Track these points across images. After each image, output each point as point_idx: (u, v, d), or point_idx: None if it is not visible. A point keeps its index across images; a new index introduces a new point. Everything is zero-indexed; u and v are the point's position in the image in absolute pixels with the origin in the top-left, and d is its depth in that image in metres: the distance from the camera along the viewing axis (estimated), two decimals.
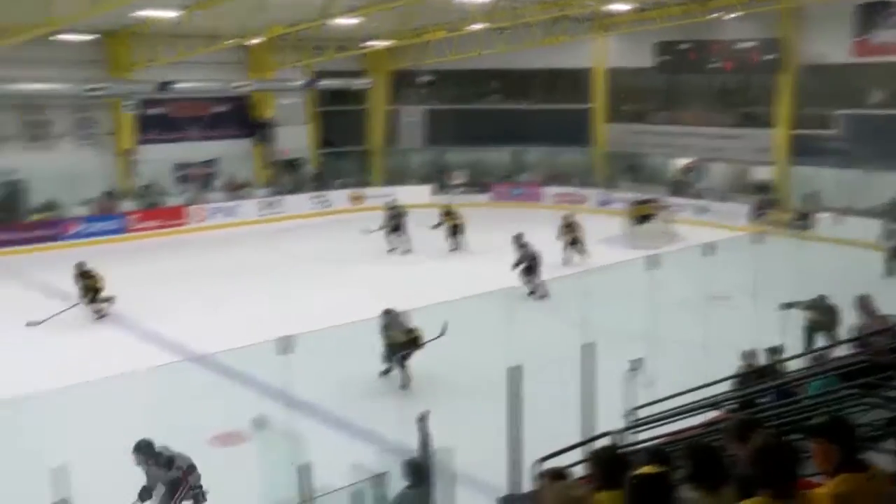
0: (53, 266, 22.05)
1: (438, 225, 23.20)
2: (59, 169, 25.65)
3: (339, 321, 13.80)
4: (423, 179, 32.22)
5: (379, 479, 7.08)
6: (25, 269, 21.84)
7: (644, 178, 30.15)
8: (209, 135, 30.59)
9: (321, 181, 31.80)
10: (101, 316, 17.21)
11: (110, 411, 11.69)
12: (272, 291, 18.81)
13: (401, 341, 12.74)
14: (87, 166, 27.02)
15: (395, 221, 23.42)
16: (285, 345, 9.02)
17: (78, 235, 25.76)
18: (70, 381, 12.47)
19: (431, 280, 19.19)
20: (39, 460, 7.99)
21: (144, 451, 8.56)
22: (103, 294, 17.36)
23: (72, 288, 17.38)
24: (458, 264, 21.76)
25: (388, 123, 35.09)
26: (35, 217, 25.85)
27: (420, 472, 7.14)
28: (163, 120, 29.58)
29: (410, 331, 12.83)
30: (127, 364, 13.32)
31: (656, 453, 5.13)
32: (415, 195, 29.23)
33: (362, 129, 34.87)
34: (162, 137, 29.21)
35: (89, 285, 17.29)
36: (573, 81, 32.65)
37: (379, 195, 28.57)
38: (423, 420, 7.62)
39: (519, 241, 18.82)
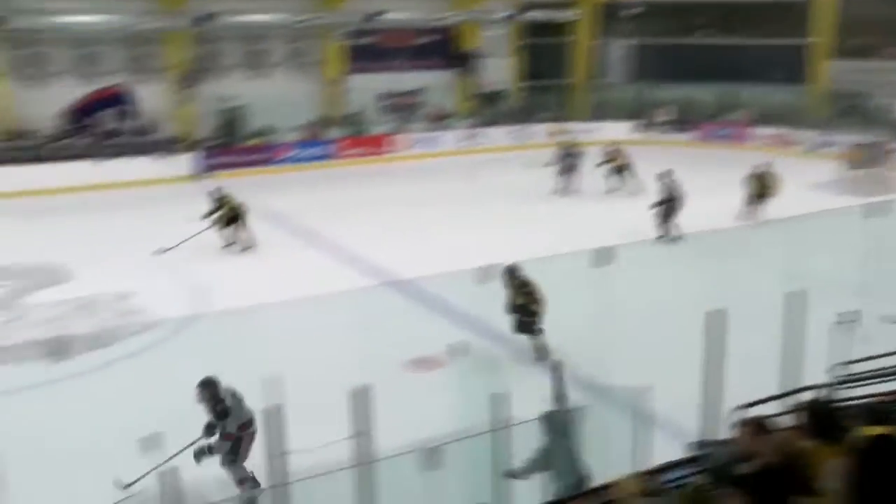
0: (265, 189, 23.40)
1: (602, 164, 21.89)
2: (273, 97, 27.10)
3: (523, 256, 13.78)
4: (628, 116, 31.30)
5: (577, 411, 7.05)
6: (240, 190, 23.17)
7: (868, 120, 27.90)
8: (414, 65, 31.14)
9: (522, 115, 31.64)
10: (240, 247, 17.02)
11: (315, 329, 12.28)
12: (469, 222, 19.02)
13: (519, 303, 11.12)
14: (298, 94, 28.33)
15: (569, 161, 22.11)
16: (484, 274, 9.10)
17: (288, 160, 27.03)
18: (278, 298, 13.25)
19: (611, 221, 18.35)
20: (254, 368, 8.55)
21: (207, 388, 7.96)
22: (242, 225, 17.09)
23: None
24: (630, 205, 19.89)
25: (593, 57, 34.30)
26: (250, 142, 27.35)
27: (559, 423, 6.99)
28: (371, 50, 30.36)
29: (530, 294, 11.06)
30: (329, 285, 13.95)
31: (874, 412, 4.80)
32: (616, 132, 28.53)
33: (566, 63, 34.31)
34: (369, 67, 30.03)
35: (224, 213, 17.00)
36: (791, 14, 30.48)
37: (580, 130, 28.07)
38: (556, 370, 7.40)
39: (664, 178, 17.40)
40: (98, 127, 25.93)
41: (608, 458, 7.19)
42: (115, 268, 15.69)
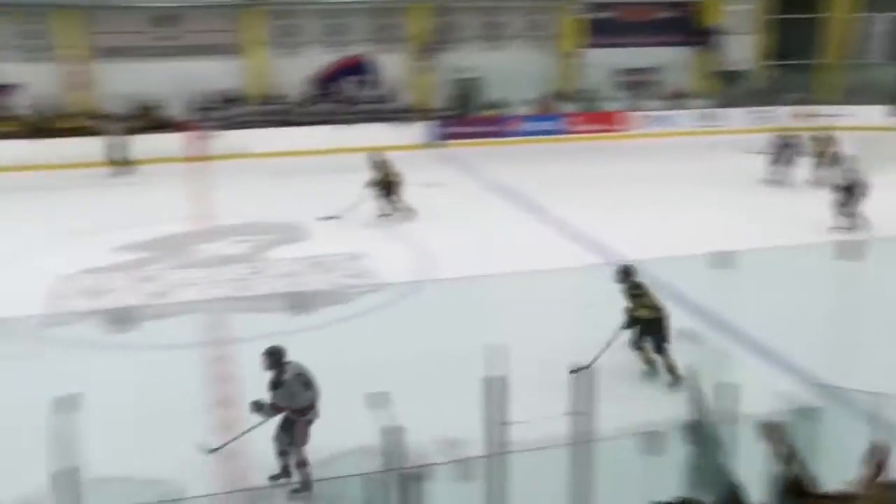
0: (495, 160, 23.71)
1: (809, 152, 20.05)
2: (508, 69, 27.41)
3: (746, 244, 13.07)
4: (889, 99, 28.60)
5: (809, 412, 6.60)
6: (469, 160, 23.63)
7: None
8: (652, 41, 30.33)
9: (765, 96, 29.95)
10: (399, 217, 17.08)
11: (537, 302, 12.30)
12: (697, 204, 18.33)
13: (644, 317, 9.79)
14: (533, 67, 28.44)
15: (788, 153, 20.13)
16: (721, 260, 8.60)
17: (519, 133, 27.19)
18: (503, 270, 13.39)
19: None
20: (476, 337, 8.66)
21: (270, 357, 7.52)
22: (399, 194, 17.16)
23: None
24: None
25: (851, 33, 31.72)
26: (484, 113, 27.73)
27: (702, 435, 6.45)
28: (608, 24, 29.92)
29: (638, 298, 9.78)
30: (554, 261, 13.95)
31: None
32: (869, 117, 26.49)
33: (818, 40, 32.02)
34: (606, 42, 29.60)
35: (384, 179, 17.10)
36: None
37: (828, 115, 26.22)
38: (691, 380, 6.80)
39: (845, 165, 16.01)
40: (340, 94, 27.26)
41: (840, 464, 6.72)
42: (347, 229, 16.47)
